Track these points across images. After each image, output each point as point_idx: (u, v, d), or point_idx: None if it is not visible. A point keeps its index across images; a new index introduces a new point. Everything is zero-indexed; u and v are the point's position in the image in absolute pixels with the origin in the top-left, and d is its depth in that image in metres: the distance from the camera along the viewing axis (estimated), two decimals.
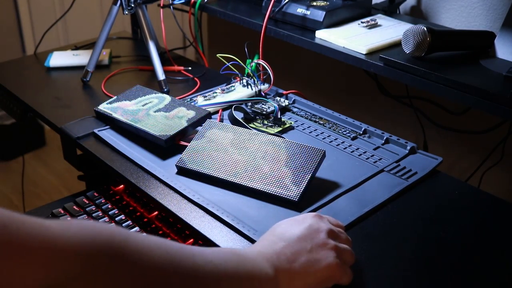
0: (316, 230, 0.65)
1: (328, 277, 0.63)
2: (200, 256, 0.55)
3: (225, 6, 1.30)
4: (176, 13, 1.37)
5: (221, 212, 0.77)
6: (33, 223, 0.42)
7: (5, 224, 0.40)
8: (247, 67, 1.10)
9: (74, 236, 0.44)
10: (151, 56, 1.19)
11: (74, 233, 0.45)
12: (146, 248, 0.50)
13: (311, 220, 0.67)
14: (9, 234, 0.40)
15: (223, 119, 1.03)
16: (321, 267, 0.63)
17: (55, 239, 0.43)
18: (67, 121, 1.02)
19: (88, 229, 0.46)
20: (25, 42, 2.51)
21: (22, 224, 0.42)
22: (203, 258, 0.54)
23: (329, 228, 0.66)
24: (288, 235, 0.64)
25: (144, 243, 0.50)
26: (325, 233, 0.65)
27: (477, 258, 0.72)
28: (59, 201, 0.95)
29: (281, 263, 0.61)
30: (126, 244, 0.48)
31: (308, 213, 0.69)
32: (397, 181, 0.85)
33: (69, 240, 0.44)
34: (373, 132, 0.99)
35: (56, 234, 0.43)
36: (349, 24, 1.15)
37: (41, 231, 0.42)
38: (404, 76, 0.97)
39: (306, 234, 0.64)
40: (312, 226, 0.65)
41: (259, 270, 0.59)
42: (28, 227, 0.42)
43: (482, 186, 1.23)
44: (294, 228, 0.65)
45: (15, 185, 2.28)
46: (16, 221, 0.41)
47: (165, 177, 0.85)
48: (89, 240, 0.45)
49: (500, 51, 1.00)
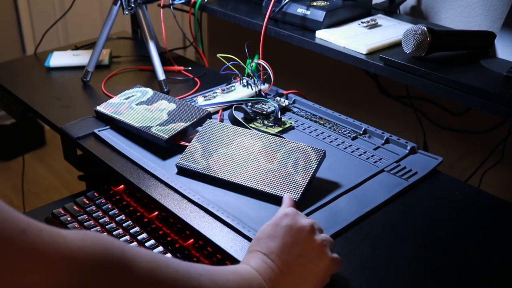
0: (298, 231, 0.65)
1: (325, 274, 0.65)
2: (206, 276, 0.55)
3: (225, 6, 1.30)
4: (176, 13, 1.37)
5: (221, 213, 0.77)
6: (51, 230, 0.44)
7: (24, 229, 0.41)
8: (247, 67, 1.10)
9: (89, 248, 0.45)
10: (151, 56, 1.19)
11: (89, 244, 0.46)
12: (156, 266, 0.50)
13: (289, 219, 0.66)
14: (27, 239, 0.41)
15: (223, 119, 1.03)
16: (317, 270, 0.64)
17: (70, 248, 0.44)
18: (67, 121, 1.02)
19: (102, 241, 0.47)
20: (25, 42, 2.51)
21: (40, 231, 0.42)
22: (209, 278, 0.55)
23: (309, 223, 0.66)
24: (274, 245, 0.63)
25: (153, 259, 0.51)
26: (307, 231, 0.65)
27: (477, 258, 0.72)
28: (59, 201, 0.95)
29: (277, 278, 0.61)
30: (137, 261, 0.49)
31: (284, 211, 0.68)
32: (397, 181, 0.85)
33: (83, 250, 0.45)
34: (373, 132, 0.99)
35: (72, 244, 0.44)
36: (349, 24, 1.15)
37: (57, 239, 0.43)
38: (404, 76, 0.97)
39: (290, 239, 0.64)
40: (293, 228, 0.65)
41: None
42: (45, 234, 0.43)
43: (482, 186, 1.22)
44: (277, 234, 0.64)
45: (15, 185, 2.28)
46: (35, 227, 0.42)
47: (165, 177, 0.85)
48: (106, 252, 0.46)
49: (500, 51, 1.00)
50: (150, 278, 0.49)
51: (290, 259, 0.63)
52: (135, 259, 0.49)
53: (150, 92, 1.05)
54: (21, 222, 0.42)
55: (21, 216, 0.42)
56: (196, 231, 0.75)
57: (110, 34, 1.28)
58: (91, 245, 0.46)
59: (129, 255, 0.48)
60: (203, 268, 0.56)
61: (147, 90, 1.06)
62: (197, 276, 0.54)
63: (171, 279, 0.51)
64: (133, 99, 1.03)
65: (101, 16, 2.50)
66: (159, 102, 1.01)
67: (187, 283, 0.52)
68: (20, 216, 0.42)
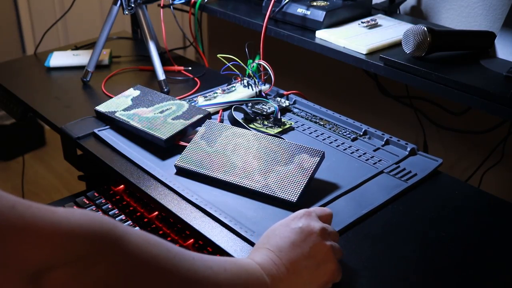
0: (309, 233, 0.64)
1: (329, 280, 0.64)
2: (200, 261, 0.55)
3: (225, 6, 1.30)
4: (176, 13, 1.37)
5: (219, 213, 0.77)
6: (39, 206, 0.45)
7: (14, 205, 0.43)
8: (248, 67, 1.10)
9: (79, 221, 0.46)
10: (151, 56, 1.19)
11: (79, 218, 0.46)
12: (147, 243, 0.50)
13: (301, 221, 0.66)
14: (17, 213, 0.42)
15: (223, 120, 1.02)
16: (322, 274, 0.63)
17: (60, 221, 0.45)
18: (67, 121, 1.02)
19: (93, 216, 0.48)
20: (25, 42, 2.51)
21: (29, 206, 0.44)
22: (203, 263, 0.55)
23: (321, 227, 0.65)
24: (283, 243, 0.63)
25: (145, 238, 0.51)
26: (317, 234, 0.64)
27: (477, 258, 0.72)
28: (59, 201, 0.95)
29: (280, 276, 0.61)
30: (128, 236, 0.49)
31: (297, 213, 0.68)
32: (397, 183, 0.85)
33: (75, 223, 0.46)
34: (373, 133, 0.98)
35: (62, 217, 0.45)
36: (349, 24, 1.15)
37: (47, 213, 0.44)
38: (404, 76, 0.97)
39: (300, 239, 0.64)
40: (304, 230, 0.64)
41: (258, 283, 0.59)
42: (35, 209, 0.44)
43: (482, 186, 1.22)
44: (287, 234, 0.64)
45: (15, 185, 2.28)
46: (23, 203, 0.44)
47: (164, 177, 0.85)
48: (95, 225, 0.47)
49: (500, 51, 1.00)
50: (141, 253, 0.49)
51: (299, 260, 0.62)
52: (127, 234, 0.49)
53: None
54: (10, 199, 0.43)
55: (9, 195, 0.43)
56: (196, 231, 0.75)
57: (110, 34, 1.28)
58: (82, 219, 0.46)
59: (120, 230, 0.49)
60: (198, 254, 0.56)
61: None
62: (190, 259, 0.54)
63: (163, 257, 0.51)
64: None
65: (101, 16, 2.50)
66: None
67: (179, 263, 0.52)
68: (8, 195, 0.43)
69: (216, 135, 0.90)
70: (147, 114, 0.98)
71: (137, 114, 0.99)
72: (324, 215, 0.70)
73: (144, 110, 0.99)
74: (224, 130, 0.90)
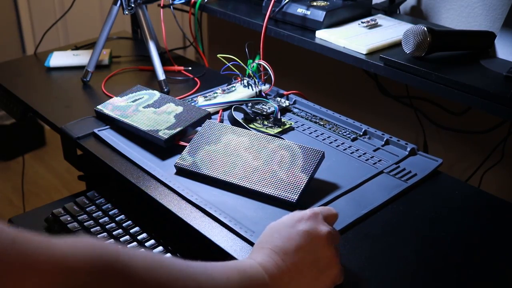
0: (315, 237, 0.63)
1: (332, 283, 0.64)
2: (205, 275, 0.54)
3: (225, 6, 1.30)
4: (176, 13, 1.37)
5: (218, 213, 0.77)
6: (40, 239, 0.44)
7: (14, 239, 0.42)
8: (248, 67, 1.10)
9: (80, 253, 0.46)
10: (151, 56, 1.19)
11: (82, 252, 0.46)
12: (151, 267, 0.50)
13: (307, 224, 0.63)
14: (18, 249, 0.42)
15: (223, 120, 1.02)
16: (325, 278, 0.63)
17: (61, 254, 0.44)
18: (67, 121, 1.02)
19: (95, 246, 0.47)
20: (25, 42, 2.51)
21: (30, 240, 0.43)
22: (206, 276, 0.54)
23: (327, 231, 0.64)
24: (288, 246, 0.61)
25: (149, 262, 0.51)
26: (324, 239, 0.63)
27: (477, 258, 0.72)
28: (59, 201, 0.95)
29: (283, 279, 0.60)
30: (131, 263, 0.49)
31: (303, 213, 0.65)
32: (396, 183, 0.85)
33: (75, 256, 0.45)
34: (373, 133, 0.98)
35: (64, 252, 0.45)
36: (349, 24, 1.15)
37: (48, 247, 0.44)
38: (404, 76, 0.97)
39: (305, 243, 0.62)
40: (311, 233, 0.63)
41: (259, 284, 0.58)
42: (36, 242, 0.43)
43: (482, 186, 1.22)
44: (292, 236, 0.62)
45: (15, 185, 2.28)
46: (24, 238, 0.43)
47: (164, 177, 0.85)
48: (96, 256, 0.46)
49: (500, 51, 1.00)
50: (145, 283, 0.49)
51: (303, 264, 0.61)
52: (130, 262, 0.49)
53: (156, 94, 1.04)
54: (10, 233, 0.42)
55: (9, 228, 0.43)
56: (196, 231, 0.75)
57: (110, 34, 1.28)
58: (83, 251, 0.46)
59: (124, 258, 0.48)
60: (202, 266, 0.55)
61: (154, 93, 1.05)
62: (195, 275, 0.53)
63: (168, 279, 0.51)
64: (140, 102, 1.02)
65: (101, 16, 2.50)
66: (167, 105, 1.00)
67: (184, 283, 0.52)
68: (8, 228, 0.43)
69: (216, 135, 0.90)
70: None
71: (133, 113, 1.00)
72: (330, 216, 0.68)
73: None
74: (224, 130, 0.90)
